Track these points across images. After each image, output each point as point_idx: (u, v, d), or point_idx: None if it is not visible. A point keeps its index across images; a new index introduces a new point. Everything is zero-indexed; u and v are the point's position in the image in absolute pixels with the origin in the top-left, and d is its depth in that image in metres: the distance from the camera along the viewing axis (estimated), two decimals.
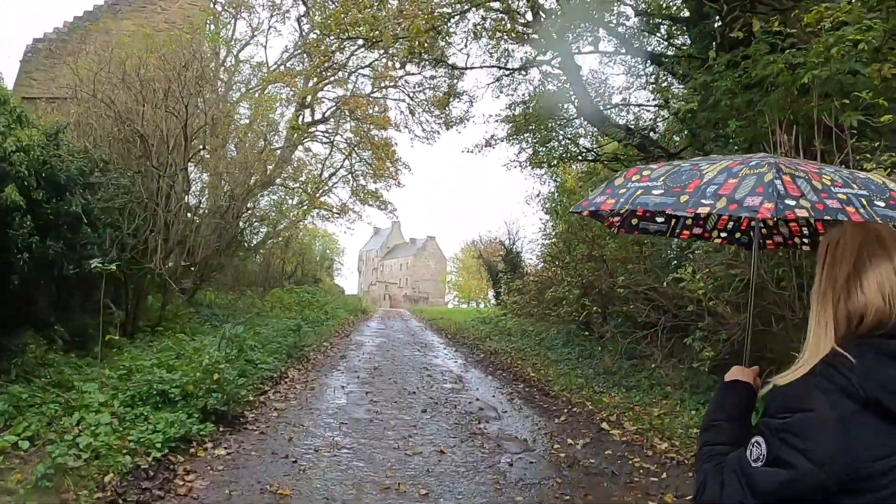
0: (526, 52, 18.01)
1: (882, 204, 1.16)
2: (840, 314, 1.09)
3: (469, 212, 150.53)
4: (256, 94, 28.52)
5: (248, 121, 23.86)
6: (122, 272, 8.23)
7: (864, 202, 1.15)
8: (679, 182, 1.31)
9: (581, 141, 18.18)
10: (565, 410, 6.96)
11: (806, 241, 1.78)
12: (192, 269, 10.75)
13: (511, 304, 15.93)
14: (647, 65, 15.70)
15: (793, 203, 1.13)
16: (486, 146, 16.57)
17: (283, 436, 5.19)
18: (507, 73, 16.57)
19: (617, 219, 1.87)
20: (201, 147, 10.02)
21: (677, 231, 1.92)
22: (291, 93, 28.77)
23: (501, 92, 18.81)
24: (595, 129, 17.66)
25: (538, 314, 15.36)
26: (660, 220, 1.86)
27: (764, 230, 1.82)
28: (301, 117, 30.04)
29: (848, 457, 0.96)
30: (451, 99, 20.22)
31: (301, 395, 7.00)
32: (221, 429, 5.23)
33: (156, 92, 8.90)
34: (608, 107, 16.28)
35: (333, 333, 14.53)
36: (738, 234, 1.92)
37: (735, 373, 1.34)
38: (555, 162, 18.25)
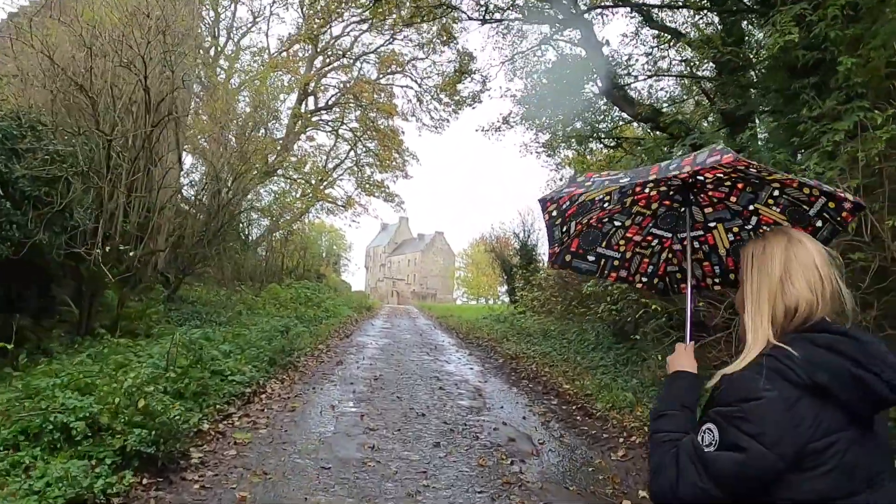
0: (542, 33, 16.56)
1: (814, 183, 1.45)
2: (777, 310, 1.19)
3: (478, 207, 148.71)
4: (256, 83, 27.13)
5: (244, 103, 22.38)
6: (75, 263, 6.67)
7: (813, 182, 1.47)
8: (642, 171, 1.49)
9: (602, 126, 16.78)
10: (620, 440, 5.29)
11: (717, 280, 1.79)
12: (151, 257, 9.11)
13: (530, 301, 14.25)
14: (672, 43, 14.24)
15: (745, 161, 1.28)
16: (503, 123, 14.94)
17: (233, 494, 3.56)
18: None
19: (558, 248, 1.83)
20: (168, 114, 8.38)
21: (605, 272, 1.88)
22: (294, 80, 27.31)
23: (515, 74, 17.27)
24: (617, 113, 16.27)
25: (559, 312, 13.72)
26: (591, 258, 1.86)
27: (679, 274, 1.86)
28: (304, 104, 28.52)
29: (795, 438, 1.06)
30: (463, 77, 18.55)
31: (276, 419, 5.37)
32: (145, 481, 3.61)
33: (111, 42, 7.30)
34: (632, 87, 14.63)
35: (332, 334, 12.92)
36: (655, 280, 1.91)
37: (680, 360, 1.40)
38: (573, 145, 16.86)
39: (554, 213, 1.72)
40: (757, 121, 11.53)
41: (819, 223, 1.51)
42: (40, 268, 7.57)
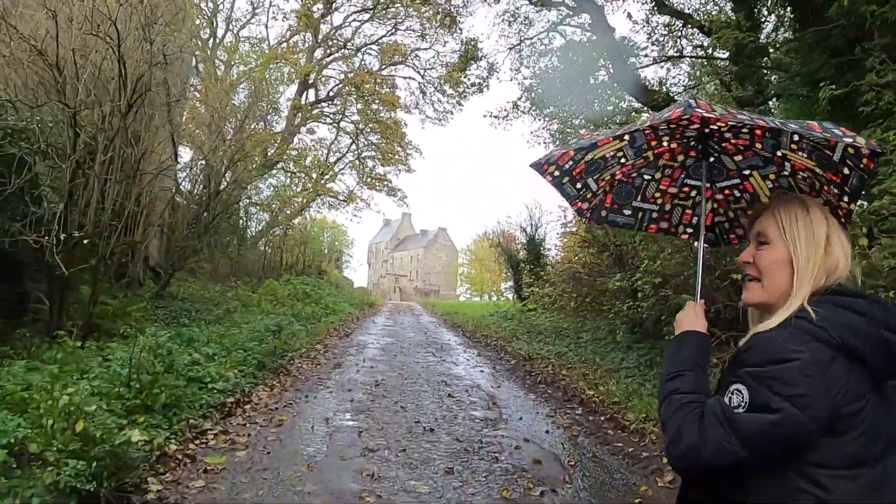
0: (549, 21, 15.85)
1: (794, 126, 1.24)
2: (819, 274, 1.16)
3: (482, 202, 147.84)
4: (254, 74, 26.36)
5: (243, 94, 21.61)
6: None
7: (777, 122, 1.25)
8: (622, 129, 1.47)
9: (613, 115, 16.10)
10: (664, 460, 4.47)
11: None
12: (133, 250, 8.33)
13: (541, 298, 13.42)
14: (685, 28, 13.54)
15: (701, 111, 1.21)
16: (513, 108, 14.16)
17: None
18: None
19: (585, 205, 1.77)
20: (147, 90, 7.57)
21: (644, 224, 1.80)
22: (293, 71, 26.50)
23: (522, 63, 16.49)
24: (626, 103, 15.65)
25: (572, 309, 12.92)
26: (627, 212, 1.79)
27: (727, 224, 1.73)
28: (305, 96, 27.70)
29: (828, 401, 1.02)
30: (469, 63, 17.74)
31: (259, 437, 4.57)
32: None
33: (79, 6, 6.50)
34: (644, 78, 13.89)
35: (331, 332, 12.13)
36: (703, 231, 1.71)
37: (690, 319, 1.34)
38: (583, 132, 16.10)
39: (556, 174, 1.65)
40: (771, 104, 10.85)
41: (846, 171, 1.35)
42: (15, 261, 6.82)
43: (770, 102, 10.40)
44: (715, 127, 1.44)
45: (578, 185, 1.71)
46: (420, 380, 7.39)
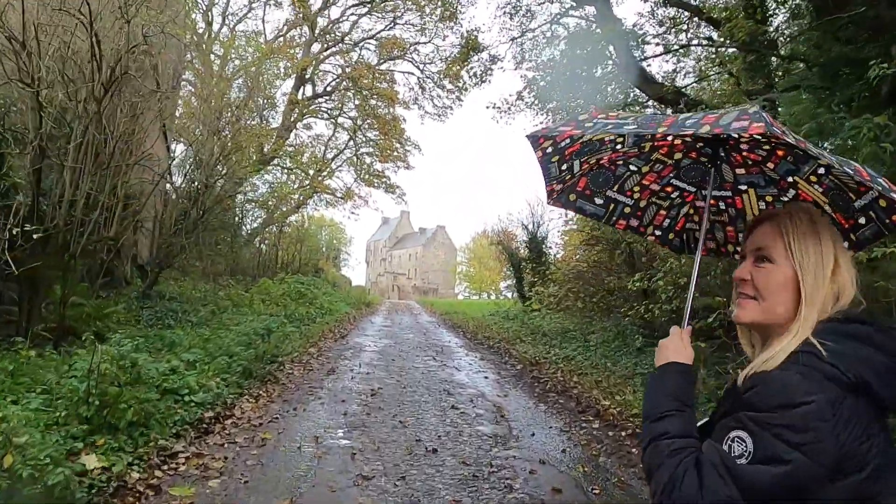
0: (552, 13, 15.35)
1: (851, 170, 1.13)
2: (828, 297, 1.06)
3: (481, 201, 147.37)
4: (249, 64, 25.75)
5: (237, 89, 21.04)
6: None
7: (828, 157, 1.12)
8: (654, 120, 1.23)
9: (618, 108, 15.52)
10: None
11: (738, 248, 1.50)
12: (105, 246, 7.78)
13: (546, 298, 12.85)
14: (693, 21, 13.06)
15: (779, 131, 1.02)
16: (518, 100, 13.58)
17: None
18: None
19: (559, 186, 1.63)
20: (125, 73, 6.97)
21: (613, 219, 1.69)
22: (290, 66, 25.92)
23: (524, 57, 15.93)
24: (632, 97, 15.13)
25: (579, 309, 12.38)
26: (598, 201, 1.66)
27: (698, 234, 1.53)
28: (302, 91, 27.10)
29: (838, 443, 0.93)
30: (471, 55, 17.12)
31: (237, 460, 3.99)
32: None
33: None
34: (651, 73, 13.32)
35: (326, 334, 11.54)
36: (671, 236, 1.70)
37: (674, 347, 1.20)
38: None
39: (549, 150, 1.49)
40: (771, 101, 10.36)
41: (863, 220, 1.28)
42: None
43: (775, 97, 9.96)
44: (735, 136, 1.29)
45: (564, 167, 1.58)
46: (420, 388, 6.81)
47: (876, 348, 0.99)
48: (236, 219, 20.18)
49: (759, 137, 1.21)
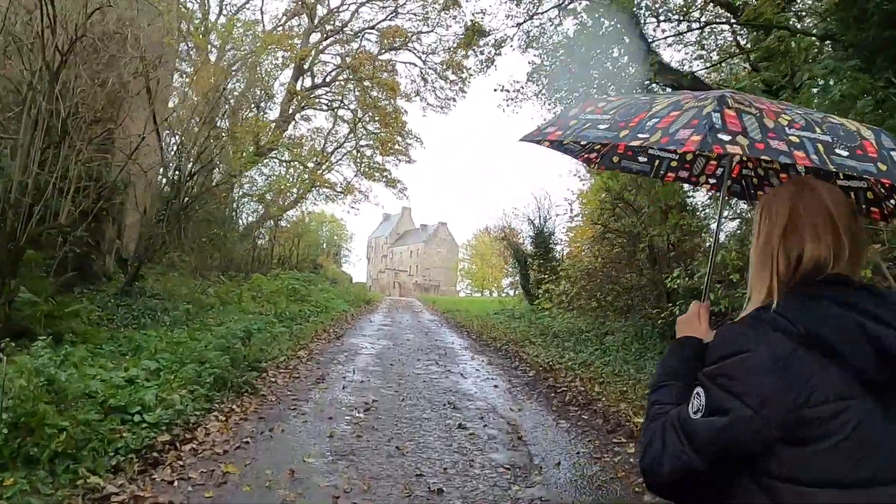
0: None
1: (844, 153, 1.06)
2: (780, 262, 1.05)
3: (483, 197, 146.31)
4: (250, 60, 24.91)
5: (234, 79, 20.20)
6: None
7: (822, 148, 1.05)
8: (627, 116, 1.21)
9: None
10: None
11: None
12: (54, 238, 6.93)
13: (558, 296, 11.93)
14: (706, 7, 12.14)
15: (726, 138, 1.01)
16: (527, 81, 12.64)
17: None
18: None
19: (594, 155, 1.68)
20: (79, 37, 6.05)
21: (661, 173, 1.71)
22: (288, 56, 25.03)
23: (530, 45, 15.00)
24: (645, 83, 14.22)
25: (592, 309, 11.49)
26: (642, 159, 1.68)
27: (755, 180, 1.63)
28: (301, 81, 26.19)
29: (787, 398, 0.89)
30: (476, 38, 16.17)
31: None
32: None
33: None
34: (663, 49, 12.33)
35: (319, 334, 10.64)
36: (728, 183, 1.62)
37: (687, 325, 1.24)
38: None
39: (555, 140, 1.40)
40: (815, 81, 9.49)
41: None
42: None
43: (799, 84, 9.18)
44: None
45: (584, 142, 1.55)
46: (422, 401, 5.90)
47: (849, 308, 0.94)
48: (231, 212, 19.33)
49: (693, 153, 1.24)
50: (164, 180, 11.63)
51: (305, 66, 25.75)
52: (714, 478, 0.94)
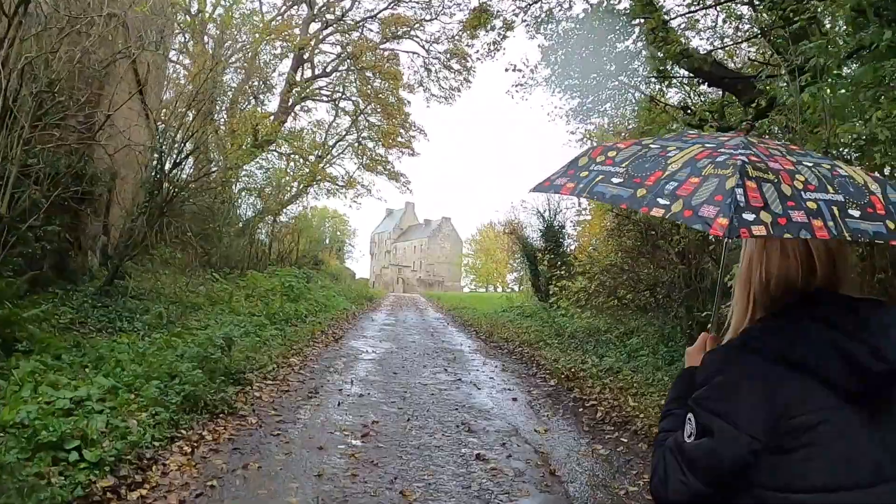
0: None
1: (857, 213, 1.03)
2: (756, 287, 1.08)
3: (488, 191, 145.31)
4: (248, 51, 24.12)
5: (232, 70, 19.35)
6: None
7: (837, 212, 1.02)
8: (641, 171, 1.15)
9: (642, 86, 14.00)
10: None
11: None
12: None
13: (575, 294, 11.01)
14: None
15: (750, 218, 0.98)
16: (542, 61, 11.74)
17: None
18: None
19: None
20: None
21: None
22: (287, 45, 24.16)
23: (538, 31, 14.02)
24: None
25: (613, 307, 10.58)
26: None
27: None
28: (301, 71, 25.30)
29: (765, 411, 0.94)
30: (484, 20, 15.17)
31: None
32: None
33: None
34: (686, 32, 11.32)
35: (316, 336, 9.76)
36: None
37: (694, 355, 1.22)
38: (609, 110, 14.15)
39: (567, 194, 1.32)
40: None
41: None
42: None
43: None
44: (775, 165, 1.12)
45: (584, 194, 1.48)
46: (430, 420, 5.01)
47: (829, 326, 0.97)
48: (228, 207, 18.46)
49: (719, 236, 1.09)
50: (147, 171, 10.74)
51: (305, 56, 24.88)
52: (721, 497, 0.96)
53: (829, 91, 4.27)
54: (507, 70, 11.91)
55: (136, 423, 4.01)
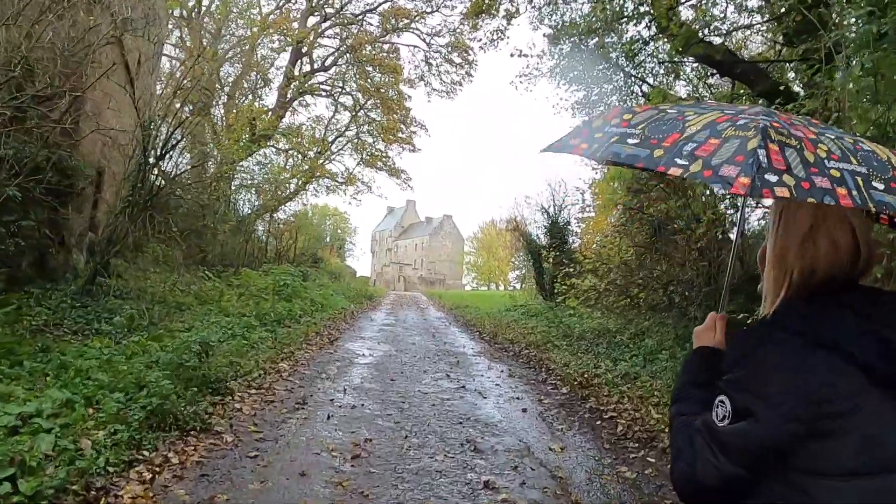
0: None
1: (881, 186, 1.01)
2: (796, 272, 1.06)
3: (489, 189, 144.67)
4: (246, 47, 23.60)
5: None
6: None
7: (861, 182, 1.00)
8: (659, 133, 1.13)
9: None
10: None
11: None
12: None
13: (585, 293, 10.42)
14: None
15: (773, 179, 0.97)
16: (549, 43, 11.17)
17: None
18: None
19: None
20: None
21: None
22: (285, 39, 23.60)
23: (542, 22, 13.48)
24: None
25: (625, 307, 10.05)
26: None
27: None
28: (299, 66, 24.73)
29: (806, 394, 0.92)
30: (488, 5, 14.58)
31: None
32: None
33: None
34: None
35: (310, 337, 9.18)
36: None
37: (704, 335, 1.23)
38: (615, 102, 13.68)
39: (581, 153, 1.28)
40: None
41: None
42: None
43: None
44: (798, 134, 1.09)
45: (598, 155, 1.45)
46: (431, 437, 4.43)
47: (858, 314, 0.97)
48: (223, 203, 17.89)
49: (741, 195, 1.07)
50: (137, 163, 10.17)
51: (304, 50, 24.32)
52: (752, 480, 0.95)
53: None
54: (512, 56, 11.34)
55: (89, 444, 3.45)
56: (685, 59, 12.59)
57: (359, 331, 11.50)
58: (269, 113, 23.00)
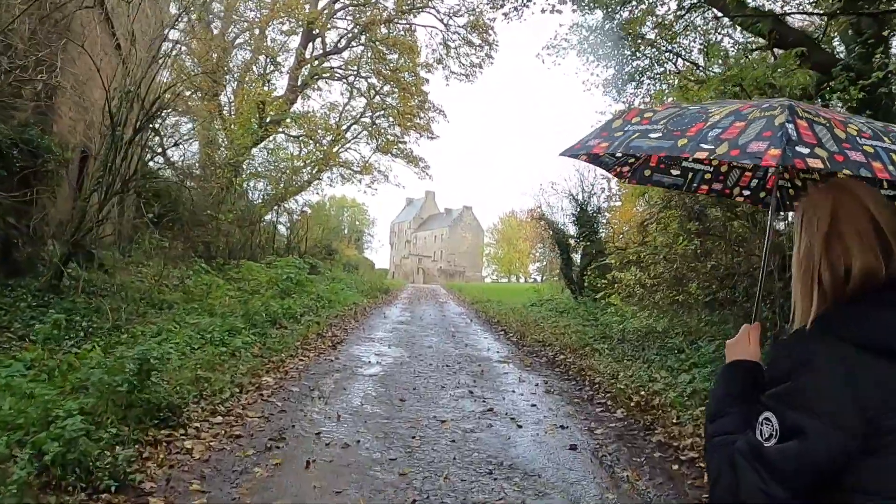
0: None
1: None
2: (825, 276, 1.00)
3: (510, 179, 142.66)
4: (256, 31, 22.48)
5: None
6: None
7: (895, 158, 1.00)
8: (681, 125, 1.15)
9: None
10: None
11: None
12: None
13: (631, 287, 8.95)
14: None
15: (805, 151, 0.96)
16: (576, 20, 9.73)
17: None
18: None
19: (626, 168, 1.66)
20: None
21: (694, 185, 1.69)
22: (296, 20, 22.41)
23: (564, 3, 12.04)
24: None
25: (671, 302, 8.62)
26: (675, 172, 1.65)
27: (791, 190, 1.57)
28: (311, 48, 23.52)
29: (861, 408, 0.85)
30: None
31: None
32: None
33: None
34: None
35: (309, 340, 7.90)
36: (762, 194, 1.64)
37: (740, 346, 1.15)
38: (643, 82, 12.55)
39: (601, 152, 1.33)
40: None
41: None
42: None
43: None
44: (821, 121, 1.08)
45: (619, 154, 1.48)
46: (450, 500, 3.08)
47: None
48: (230, 194, 16.76)
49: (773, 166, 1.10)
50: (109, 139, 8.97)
51: (315, 32, 23.04)
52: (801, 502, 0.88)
53: None
54: (544, 11, 9.81)
55: None
56: (729, 29, 11.12)
57: (368, 330, 10.19)
58: (280, 98, 21.86)
